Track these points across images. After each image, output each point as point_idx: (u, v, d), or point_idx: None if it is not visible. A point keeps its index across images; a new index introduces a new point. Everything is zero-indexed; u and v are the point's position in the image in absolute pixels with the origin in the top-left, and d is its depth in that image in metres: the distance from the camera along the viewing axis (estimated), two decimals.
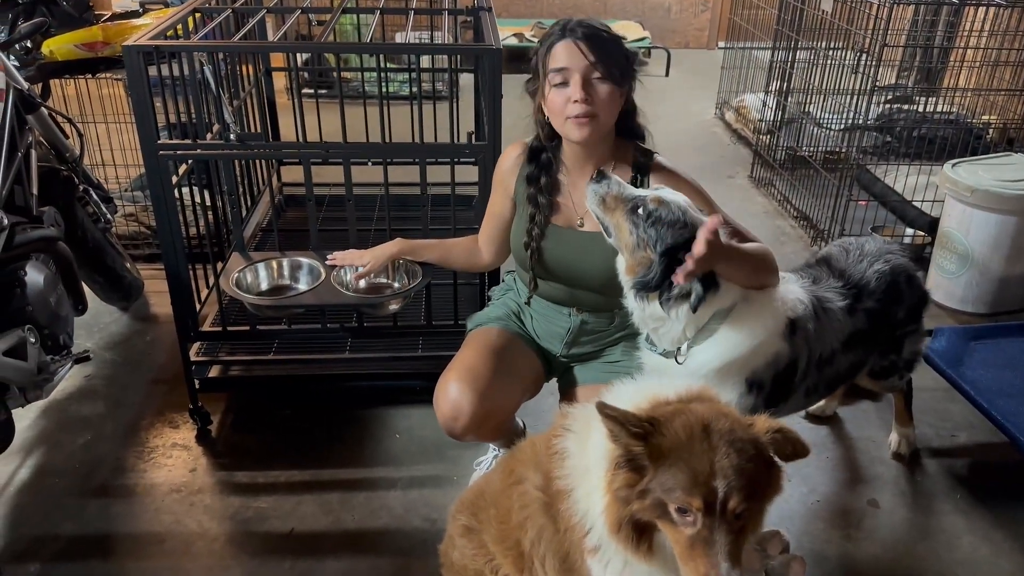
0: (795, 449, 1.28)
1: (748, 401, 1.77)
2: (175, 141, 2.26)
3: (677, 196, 1.69)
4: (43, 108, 2.64)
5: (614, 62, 1.74)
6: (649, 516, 1.27)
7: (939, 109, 4.31)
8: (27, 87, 2.54)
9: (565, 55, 1.73)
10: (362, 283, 2.29)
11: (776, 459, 1.29)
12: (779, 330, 1.78)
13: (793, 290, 1.87)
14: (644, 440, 1.25)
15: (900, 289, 2.10)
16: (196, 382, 2.49)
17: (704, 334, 1.73)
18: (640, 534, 1.30)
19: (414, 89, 3.97)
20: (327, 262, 2.28)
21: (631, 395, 1.41)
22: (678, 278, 1.57)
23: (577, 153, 1.88)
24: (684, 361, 1.75)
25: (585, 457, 1.40)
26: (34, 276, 2.19)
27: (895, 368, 2.26)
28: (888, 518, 2.28)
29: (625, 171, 1.88)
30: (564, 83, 1.74)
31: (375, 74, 5.06)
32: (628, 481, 1.27)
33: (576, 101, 1.72)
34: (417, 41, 3.74)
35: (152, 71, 2.12)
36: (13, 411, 2.08)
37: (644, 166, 1.88)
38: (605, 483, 1.32)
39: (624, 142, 1.91)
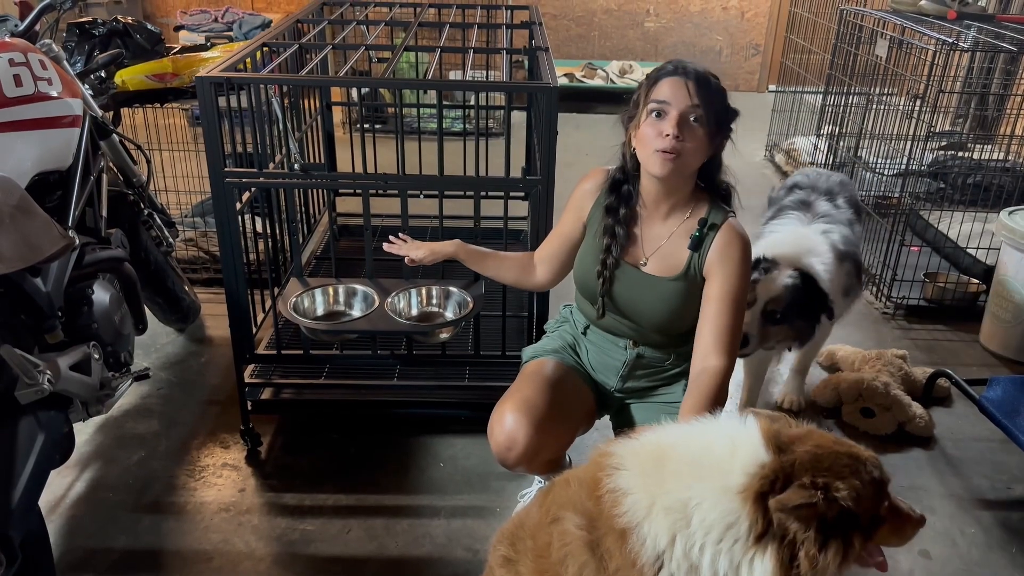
0: None
1: None
2: (241, 169, 2.35)
3: None
4: (115, 135, 2.76)
5: (714, 109, 1.78)
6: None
7: (994, 156, 4.26)
8: (101, 114, 2.66)
9: (670, 90, 1.76)
10: (414, 311, 2.33)
11: None
12: None
13: None
14: (837, 505, 1.30)
15: None
16: (249, 403, 2.55)
17: None
18: None
19: (467, 126, 4.11)
20: (384, 247, 2.26)
21: (740, 464, 1.35)
22: None
23: (655, 190, 1.88)
24: None
25: (655, 496, 1.37)
26: (100, 295, 2.26)
27: None
28: (940, 569, 2.22)
29: (693, 221, 1.89)
30: (661, 115, 1.77)
31: (429, 110, 5.23)
32: (842, 549, 1.34)
33: (667, 135, 1.75)
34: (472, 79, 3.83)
35: (220, 102, 2.21)
36: (73, 425, 2.15)
37: (713, 225, 1.88)
38: (773, 563, 1.30)
39: (703, 192, 1.92)
